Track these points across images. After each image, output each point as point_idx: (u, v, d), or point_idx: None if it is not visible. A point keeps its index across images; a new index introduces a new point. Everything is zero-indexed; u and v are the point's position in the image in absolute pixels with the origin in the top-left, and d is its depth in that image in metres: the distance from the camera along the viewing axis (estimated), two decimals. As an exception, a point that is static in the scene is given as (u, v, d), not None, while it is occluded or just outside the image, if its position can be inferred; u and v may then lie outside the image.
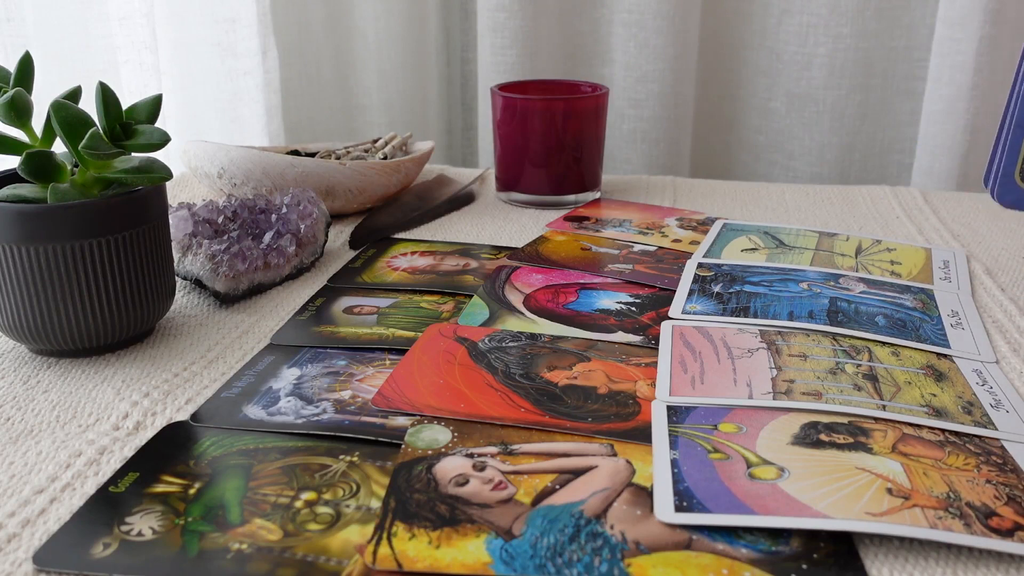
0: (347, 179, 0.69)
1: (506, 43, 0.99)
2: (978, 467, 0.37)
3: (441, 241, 0.67)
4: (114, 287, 0.46)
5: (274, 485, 0.36)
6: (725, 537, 0.33)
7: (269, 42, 0.93)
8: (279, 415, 0.42)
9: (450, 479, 0.36)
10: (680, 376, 0.45)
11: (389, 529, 0.33)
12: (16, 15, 0.82)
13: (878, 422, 0.41)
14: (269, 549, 0.32)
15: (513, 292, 0.56)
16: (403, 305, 0.54)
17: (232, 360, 0.48)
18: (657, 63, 1.00)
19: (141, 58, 0.89)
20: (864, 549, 0.33)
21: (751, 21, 1.04)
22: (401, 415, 0.41)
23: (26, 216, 0.43)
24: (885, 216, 0.74)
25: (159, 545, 0.33)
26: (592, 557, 0.32)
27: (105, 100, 0.45)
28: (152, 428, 0.41)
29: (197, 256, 0.55)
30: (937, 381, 0.45)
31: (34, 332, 0.45)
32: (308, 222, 0.61)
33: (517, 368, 0.46)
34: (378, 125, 1.08)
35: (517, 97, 0.73)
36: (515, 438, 0.39)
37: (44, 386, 0.45)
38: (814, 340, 0.49)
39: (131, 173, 0.45)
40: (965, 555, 0.33)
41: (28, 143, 0.46)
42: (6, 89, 0.45)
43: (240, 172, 0.67)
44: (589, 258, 0.62)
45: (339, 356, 0.48)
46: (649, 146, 1.04)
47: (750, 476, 0.36)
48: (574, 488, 0.36)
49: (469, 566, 0.31)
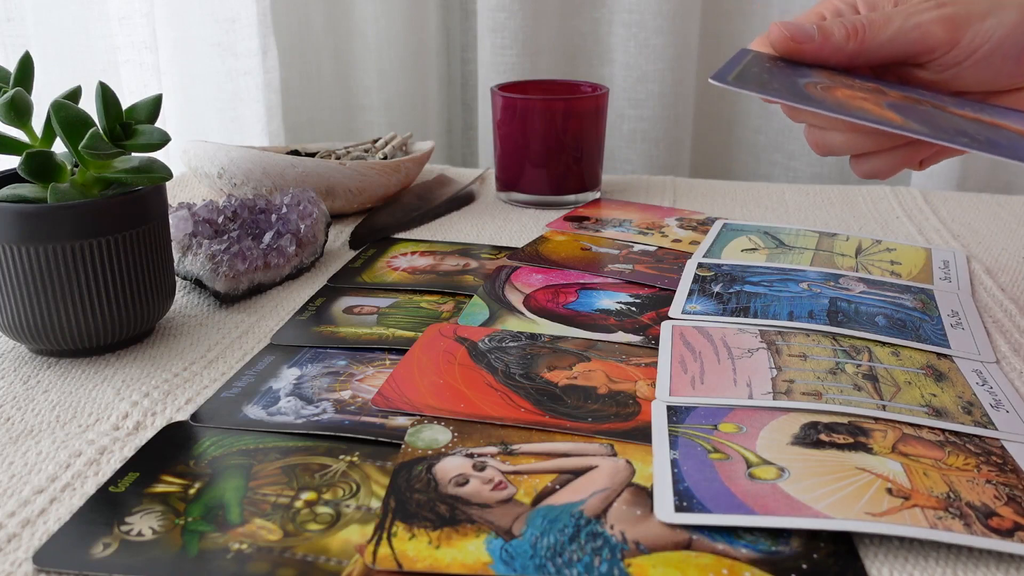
0: (347, 179, 0.69)
1: (506, 43, 0.99)
2: (978, 467, 0.37)
3: (441, 241, 0.67)
4: (114, 287, 0.46)
5: (274, 485, 0.36)
6: (725, 537, 0.33)
7: (269, 42, 0.93)
8: (279, 415, 0.42)
9: (450, 479, 0.36)
10: (680, 376, 0.45)
11: (389, 529, 0.33)
12: (16, 15, 0.82)
13: (878, 422, 0.41)
14: (269, 549, 0.32)
15: (513, 292, 0.56)
16: (403, 305, 0.54)
17: (232, 360, 0.48)
18: (657, 63, 1.00)
19: (141, 58, 0.90)
20: (864, 549, 0.33)
21: (751, 21, 1.04)
22: (401, 415, 0.41)
23: (26, 216, 0.43)
24: (885, 216, 0.74)
25: (159, 545, 0.33)
26: (592, 557, 0.32)
27: (105, 100, 0.45)
28: (152, 428, 0.41)
29: (197, 256, 0.55)
30: (937, 381, 0.45)
31: (34, 332, 0.45)
32: (308, 222, 0.61)
33: (517, 368, 0.46)
34: (378, 125, 1.08)
35: (517, 97, 0.73)
36: (515, 438, 0.39)
37: (44, 386, 0.45)
38: (814, 340, 0.49)
39: (131, 173, 0.45)
40: (965, 555, 0.33)
41: (28, 143, 0.46)
42: (6, 89, 0.45)
43: (240, 172, 0.67)
44: (589, 258, 0.62)
45: (339, 356, 0.48)
46: (649, 146, 1.04)
47: (750, 476, 0.36)
48: (574, 488, 0.36)
49: (469, 566, 0.31)
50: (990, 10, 0.44)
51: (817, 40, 0.45)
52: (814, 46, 0.45)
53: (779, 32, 0.46)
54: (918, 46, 0.44)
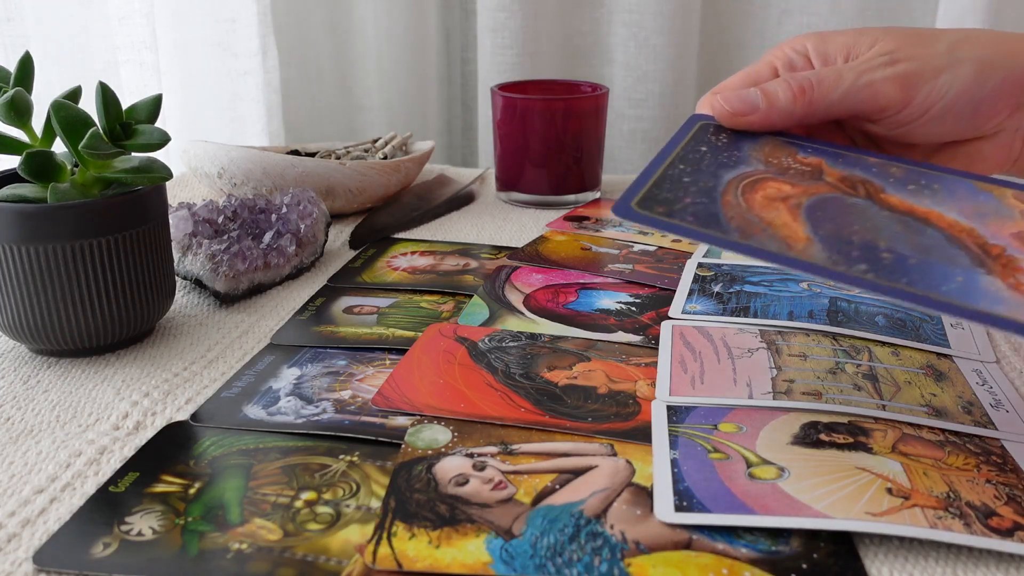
0: (347, 179, 0.69)
1: (506, 43, 0.99)
2: (978, 467, 0.37)
3: (441, 241, 0.67)
4: (114, 287, 0.46)
5: (274, 485, 0.36)
6: (725, 537, 0.33)
7: (269, 42, 0.93)
8: (279, 415, 0.42)
9: (450, 479, 0.36)
10: (680, 376, 0.45)
11: (389, 529, 0.33)
12: (16, 15, 0.82)
13: (878, 422, 0.41)
14: (269, 549, 0.32)
15: (513, 292, 0.56)
16: (403, 305, 0.54)
17: (232, 360, 0.48)
18: (657, 63, 1.00)
19: (141, 58, 0.90)
20: (864, 549, 0.33)
21: (751, 21, 1.04)
22: (401, 415, 0.41)
23: (26, 216, 0.43)
24: (885, 216, 0.74)
25: (159, 545, 0.33)
26: (592, 557, 0.32)
27: (105, 100, 0.45)
28: (152, 428, 0.41)
29: (197, 256, 0.55)
30: (937, 381, 0.45)
31: (34, 332, 0.45)
32: (308, 222, 0.61)
33: (517, 368, 0.46)
34: (378, 125, 1.08)
35: (517, 97, 0.73)
36: (515, 438, 0.39)
37: (44, 386, 0.45)
38: (814, 340, 0.49)
39: (131, 173, 0.45)
40: (965, 555, 0.33)
41: (28, 143, 0.46)
42: (6, 89, 0.45)
43: (240, 172, 0.67)
44: (589, 258, 0.62)
45: (339, 356, 0.48)
46: (649, 146, 1.04)
47: (750, 476, 0.36)
48: (574, 488, 0.36)
49: (469, 566, 0.31)
50: (945, 66, 0.42)
51: (763, 108, 0.43)
52: (759, 116, 0.43)
53: (720, 108, 0.44)
54: (869, 105, 0.43)
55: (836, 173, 0.42)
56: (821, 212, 0.39)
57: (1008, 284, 0.35)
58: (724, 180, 0.41)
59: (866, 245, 0.37)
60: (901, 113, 0.43)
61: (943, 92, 0.42)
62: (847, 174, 0.42)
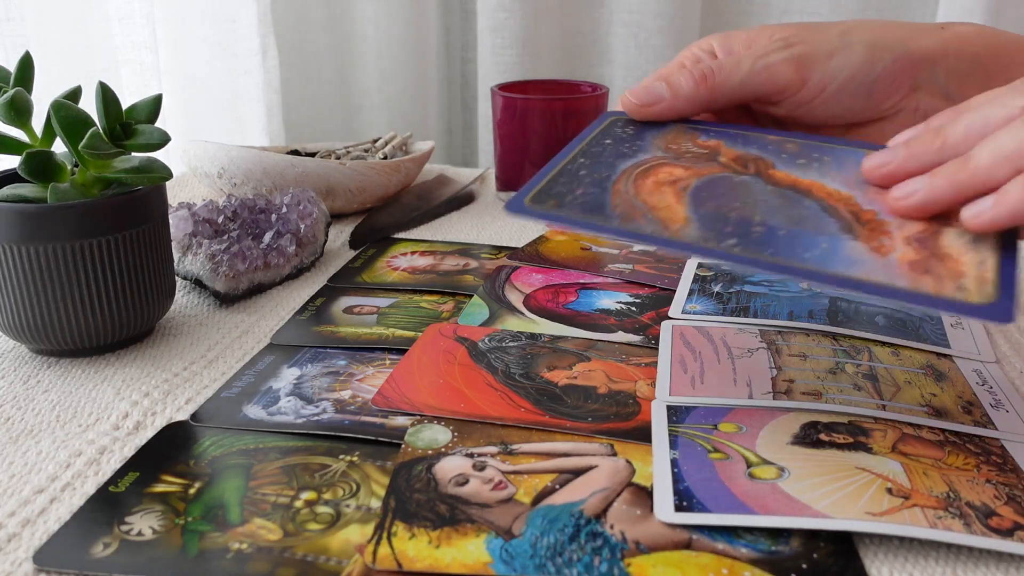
0: (347, 179, 0.69)
1: (506, 43, 0.99)
2: (978, 467, 0.37)
3: (441, 241, 0.67)
4: (114, 287, 0.46)
5: (274, 485, 0.36)
6: (725, 537, 0.33)
7: (269, 42, 0.93)
8: (279, 415, 0.42)
9: (450, 479, 0.36)
10: (680, 376, 0.45)
11: (389, 529, 0.33)
12: (16, 15, 0.82)
13: (878, 422, 0.41)
14: (269, 549, 0.32)
15: (513, 292, 0.56)
16: (403, 305, 0.54)
17: (232, 360, 0.48)
18: (657, 63, 1.00)
19: (141, 58, 0.90)
20: (864, 549, 0.33)
21: (751, 21, 1.04)
22: (401, 415, 0.41)
23: (26, 216, 0.43)
24: (885, 216, 0.74)
25: (159, 545, 0.33)
26: (592, 557, 0.32)
27: (105, 100, 0.45)
28: (152, 428, 0.41)
29: (197, 256, 0.55)
30: (937, 381, 0.45)
31: (34, 332, 0.45)
32: (308, 222, 0.61)
33: (517, 368, 0.46)
34: (378, 125, 1.08)
35: (517, 97, 0.73)
36: (515, 438, 0.39)
37: (44, 386, 0.45)
38: (814, 340, 0.49)
39: (131, 173, 0.45)
40: (965, 555, 0.33)
41: (28, 143, 0.46)
42: (6, 89, 0.45)
43: (240, 172, 0.67)
44: (589, 258, 0.62)
45: (339, 356, 0.48)
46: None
47: (750, 476, 0.36)
48: (574, 488, 0.36)
49: (469, 566, 0.31)
50: (836, 49, 0.45)
51: (667, 98, 0.45)
52: (664, 105, 0.45)
53: (627, 101, 0.46)
54: (768, 87, 0.45)
55: (732, 153, 0.43)
56: (706, 192, 0.40)
57: (871, 247, 0.35)
58: (619, 169, 0.42)
59: (741, 220, 0.37)
60: (799, 94, 0.45)
61: (836, 72, 0.44)
62: (741, 153, 0.43)
